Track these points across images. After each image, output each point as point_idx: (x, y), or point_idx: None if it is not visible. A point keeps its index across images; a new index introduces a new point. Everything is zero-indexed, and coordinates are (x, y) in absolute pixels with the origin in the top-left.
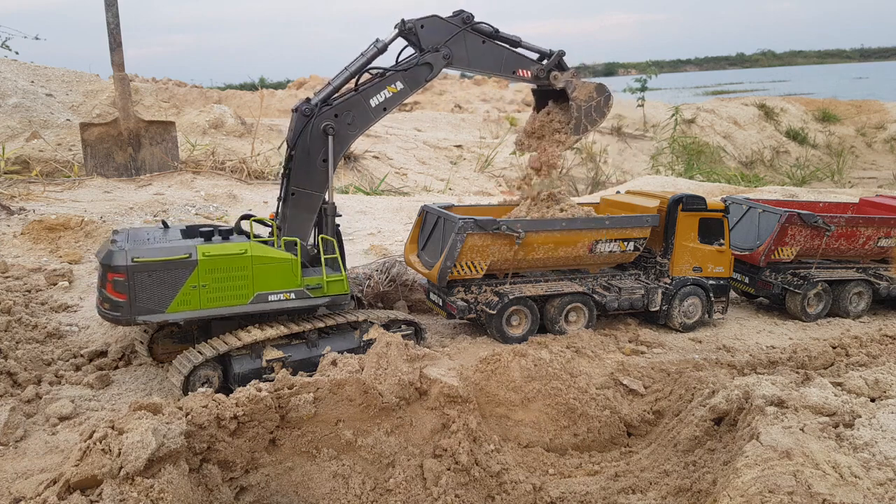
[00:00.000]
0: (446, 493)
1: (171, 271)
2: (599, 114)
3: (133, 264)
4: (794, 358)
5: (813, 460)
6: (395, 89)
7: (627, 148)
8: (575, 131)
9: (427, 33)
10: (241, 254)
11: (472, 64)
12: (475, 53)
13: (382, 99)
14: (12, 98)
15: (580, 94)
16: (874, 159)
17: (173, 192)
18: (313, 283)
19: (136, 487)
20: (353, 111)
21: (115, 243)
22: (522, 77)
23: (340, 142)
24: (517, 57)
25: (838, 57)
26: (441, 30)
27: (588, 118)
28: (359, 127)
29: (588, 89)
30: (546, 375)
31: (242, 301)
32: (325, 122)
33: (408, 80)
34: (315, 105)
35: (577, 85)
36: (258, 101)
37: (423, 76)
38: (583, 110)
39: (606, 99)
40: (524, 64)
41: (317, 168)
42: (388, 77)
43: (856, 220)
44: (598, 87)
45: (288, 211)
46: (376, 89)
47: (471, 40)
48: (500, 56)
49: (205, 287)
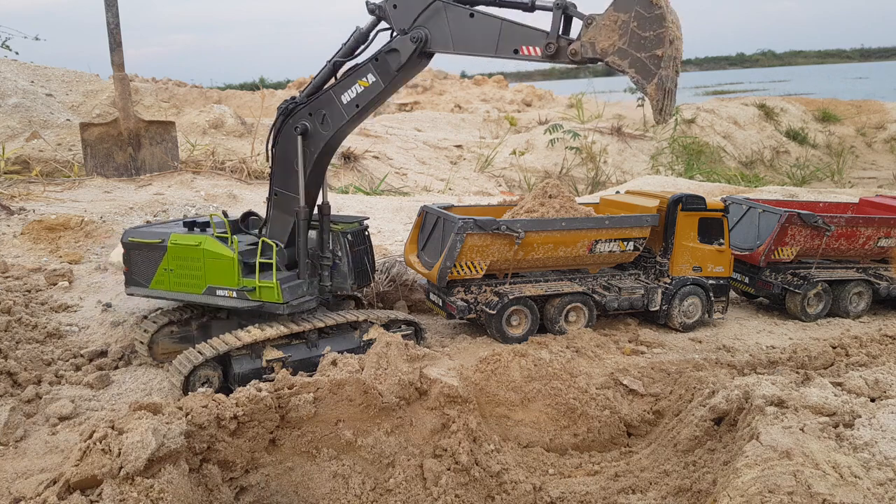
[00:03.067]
0: (446, 493)
1: (150, 252)
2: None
3: (127, 242)
4: (794, 358)
5: (813, 460)
6: (365, 83)
7: (627, 148)
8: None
9: (399, 13)
10: (195, 246)
11: (457, 45)
12: (460, 31)
13: (354, 95)
14: (12, 98)
15: (606, 40)
16: (874, 159)
17: (173, 192)
18: (249, 286)
19: (136, 487)
20: (325, 109)
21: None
22: (529, 56)
23: (313, 142)
24: (519, 30)
25: (838, 57)
26: (414, 5)
27: (644, 45)
28: (332, 126)
29: (610, 22)
30: (546, 375)
31: (197, 291)
32: (300, 121)
33: (378, 71)
34: (295, 100)
35: (594, 35)
36: (258, 101)
37: (392, 65)
38: (628, 49)
39: (647, 5)
40: (530, 38)
41: (294, 169)
42: (359, 70)
43: (856, 220)
44: (620, 4)
45: (270, 212)
46: (347, 84)
47: (453, 14)
48: (494, 31)
49: (172, 271)
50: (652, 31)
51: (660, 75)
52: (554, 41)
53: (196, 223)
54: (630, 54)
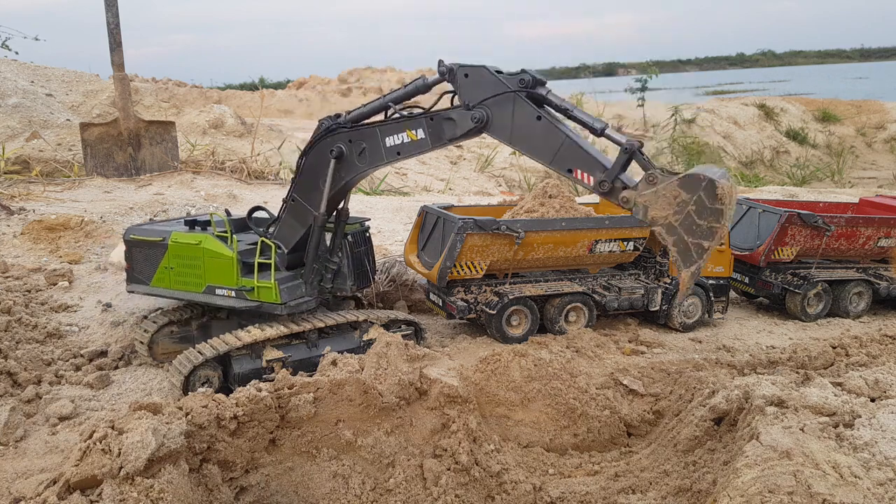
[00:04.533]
0: (446, 493)
1: (151, 250)
2: (711, 214)
3: (129, 239)
4: (794, 358)
5: (813, 460)
6: (414, 136)
7: None
8: (684, 262)
9: (469, 86)
10: (195, 244)
11: (515, 138)
12: (522, 128)
13: (399, 142)
14: (12, 98)
15: (660, 211)
16: (874, 159)
17: (173, 192)
18: (248, 286)
19: (136, 487)
20: (366, 143)
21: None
22: (580, 180)
23: (346, 169)
24: (580, 153)
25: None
26: (486, 85)
27: (695, 232)
28: (368, 162)
29: (670, 195)
30: (546, 375)
31: (197, 289)
32: (336, 143)
33: (430, 130)
34: (340, 123)
35: (650, 199)
36: (258, 101)
37: (446, 132)
38: (679, 228)
39: (709, 189)
40: (588, 165)
41: (318, 186)
42: (412, 120)
43: (856, 220)
44: (686, 182)
45: (282, 215)
46: (395, 129)
47: (521, 110)
48: (556, 142)
49: (172, 269)
50: (706, 222)
51: (699, 264)
52: (609, 181)
53: (197, 222)
54: (678, 234)
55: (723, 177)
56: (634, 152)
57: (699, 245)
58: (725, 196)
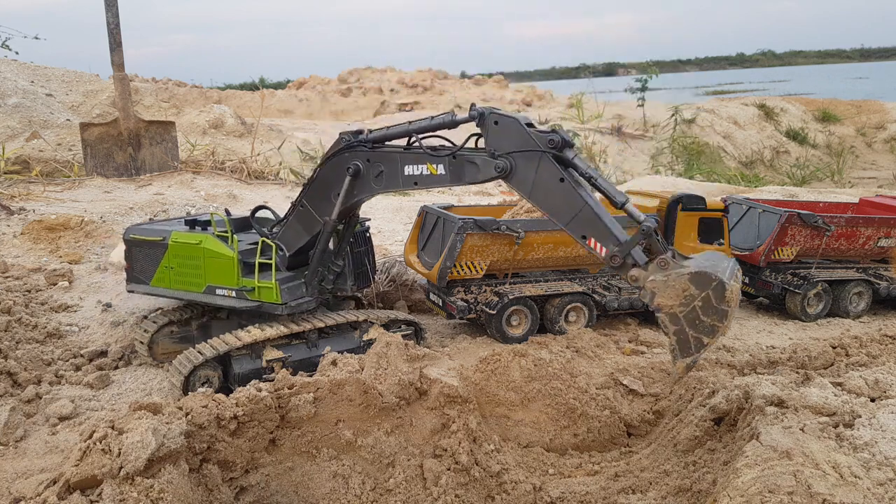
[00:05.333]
0: (446, 493)
1: (152, 249)
2: (716, 314)
3: (129, 239)
4: (794, 358)
5: (813, 460)
6: (434, 170)
7: (627, 148)
8: (681, 353)
9: (497, 134)
10: (195, 244)
11: (535, 195)
12: (543, 186)
13: (417, 173)
14: (12, 98)
15: (667, 300)
16: (874, 159)
17: (173, 192)
18: (249, 286)
19: (136, 487)
20: (385, 166)
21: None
22: (592, 248)
23: (360, 187)
24: (597, 223)
25: (838, 57)
26: (515, 137)
27: (697, 326)
28: (384, 185)
29: (679, 287)
30: (546, 375)
31: (198, 289)
32: (355, 161)
33: (451, 168)
34: (361, 140)
35: (659, 286)
36: (258, 101)
37: (467, 175)
38: (683, 319)
39: (718, 289)
40: (602, 236)
41: (329, 198)
42: (434, 155)
43: (856, 220)
44: (697, 278)
45: (289, 219)
46: (416, 159)
47: (546, 169)
48: (575, 207)
49: (172, 269)
50: (710, 320)
51: (696, 358)
52: (621, 256)
53: (197, 221)
54: (681, 324)
55: (732, 275)
56: (651, 234)
57: (699, 339)
58: (733, 300)
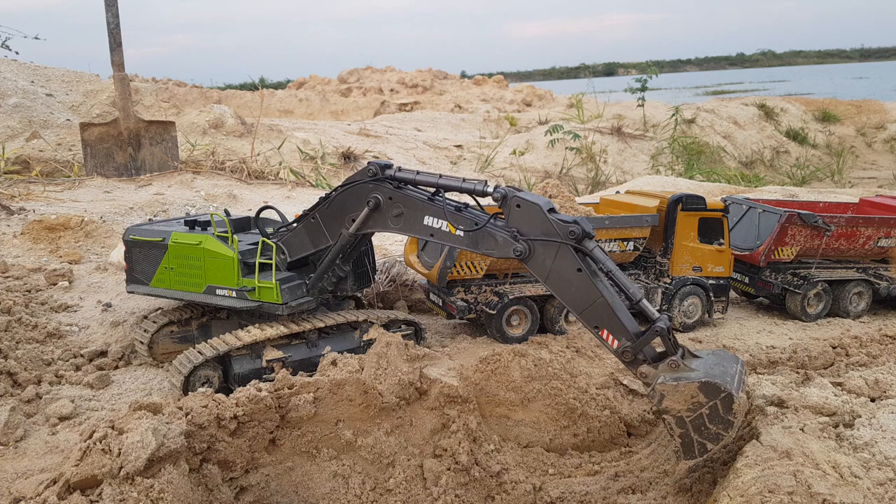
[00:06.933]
0: (446, 493)
1: (152, 250)
2: (722, 423)
3: (129, 239)
4: (794, 358)
5: (813, 460)
6: (453, 230)
7: (627, 148)
8: (685, 455)
9: (519, 217)
10: (195, 245)
11: (550, 281)
12: (560, 274)
13: (436, 227)
14: (12, 98)
15: (674, 404)
16: (874, 159)
17: (173, 192)
18: (249, 286)
19: (136, 487)
20: (406, 209)
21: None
22: (605, 340)
23: (375, 221)
24: (612, 317)
25: (838, 57)
26: (536, 223)
27: (703, 433)
28: (400, 227)
29: (688, 393)
30: (546, 375)
31: (198, 290)
32: (377, 194)
33: (470, 236)
34: (387, 175)
35: (668, 390)
36: (258, 101)
37: (483, 245)
38: (689, 424)
39: (726, 401)
40: (616, 330)
41: (342, 221)
42: (456, 216)
43: (856, 220)
44: (706, 387)
45: (298, 226)
46: (437, 213)
47: (566, 260)
48: (590, 298)
49: (172, 270)
50: (715, 428)
51: (697, 462)
52: (633, 352)
53: (197, 222)
54: (686, 427)
55: (740, 385)
56: (664, 334)
57: (703, 445)
58: (740, 411)
